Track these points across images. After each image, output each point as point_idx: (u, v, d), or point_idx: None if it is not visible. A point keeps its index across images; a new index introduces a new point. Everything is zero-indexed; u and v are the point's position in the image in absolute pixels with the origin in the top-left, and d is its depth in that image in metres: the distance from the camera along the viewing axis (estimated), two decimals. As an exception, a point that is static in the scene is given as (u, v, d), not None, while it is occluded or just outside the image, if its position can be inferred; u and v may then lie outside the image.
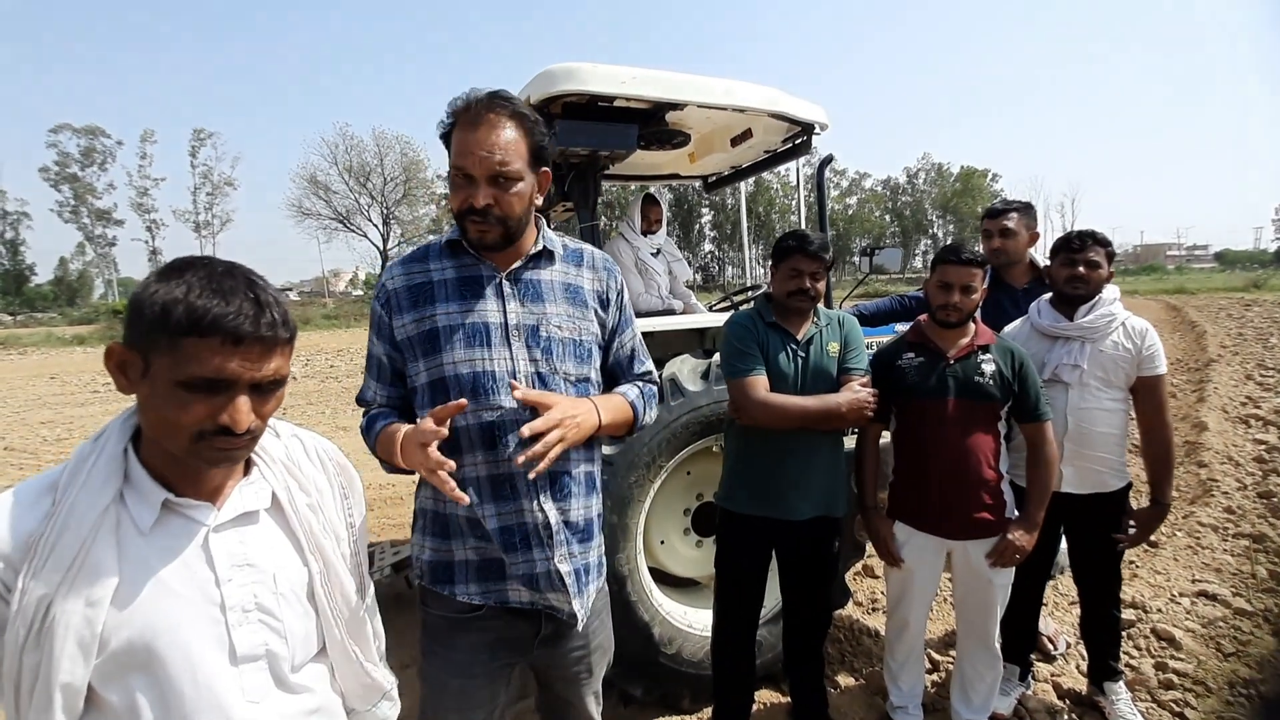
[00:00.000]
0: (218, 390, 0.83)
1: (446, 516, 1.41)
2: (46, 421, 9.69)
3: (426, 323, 1.36)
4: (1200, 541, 3.99)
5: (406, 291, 1.39)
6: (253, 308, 0.84)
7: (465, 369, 1.34)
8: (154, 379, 0.83)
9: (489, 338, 1.36)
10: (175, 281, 0.82)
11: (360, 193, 45.21)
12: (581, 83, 2.34)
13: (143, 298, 0.83)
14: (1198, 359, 10.45)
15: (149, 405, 0.86)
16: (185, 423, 0.83)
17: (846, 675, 2.86)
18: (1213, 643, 2.95)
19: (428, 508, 1.44)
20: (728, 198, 45.91)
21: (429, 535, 1.43)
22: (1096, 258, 2.31)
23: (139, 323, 0.82)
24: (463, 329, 1.35)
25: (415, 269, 1.41)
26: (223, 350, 0.82)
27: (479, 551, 1.39)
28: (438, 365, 1.36)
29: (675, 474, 2.70)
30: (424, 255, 1.43)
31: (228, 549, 0.91)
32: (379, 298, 1.43)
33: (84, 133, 45.97)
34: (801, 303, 2.13)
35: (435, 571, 1.42)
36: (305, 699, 0.98)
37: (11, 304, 46.95)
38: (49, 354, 22.05)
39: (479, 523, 1.36)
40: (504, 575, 1.38)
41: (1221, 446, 5.70)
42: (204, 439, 0.84)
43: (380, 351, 1.43)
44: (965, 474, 2.13)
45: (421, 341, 1.37)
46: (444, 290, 1.38)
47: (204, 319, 0.80)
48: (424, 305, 1.38)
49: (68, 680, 0.79)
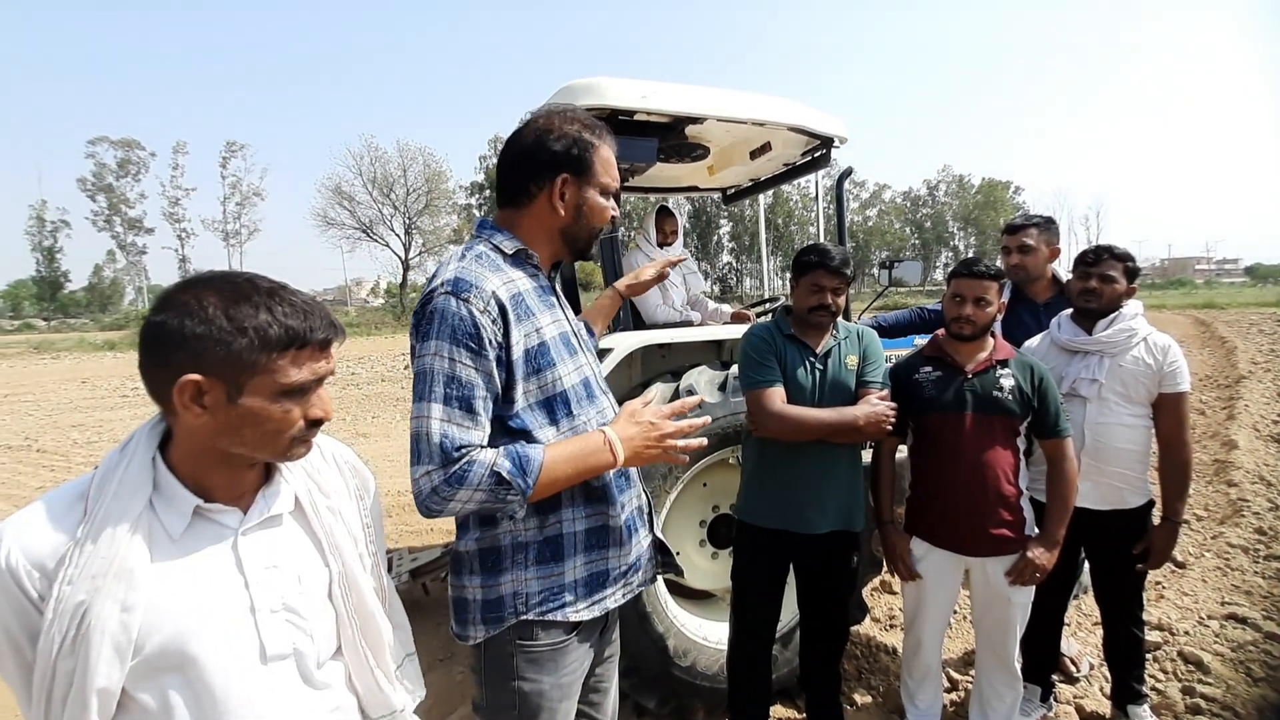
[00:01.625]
0: (309, 390, 0.94)
1: (559, 538, 1.35)
2: (77, 425, 9.95)
3: (534, 336, 1.30)
4: (1230, 563, 3.89)
5: (511, 301, 1.27)
6: (323, 315, 0.94)
7: (576, 378, 1.37)
8: (250, 397, 0.88)
9: (574, 345, 1.41)
10: (245, 307, 0.87)
11: (383, 203, 46.03)
12: (602, 97, 2.38)
13: (211, 329, 0.85)
14: (1228, 375, 10.20)
15: (243, 423, 0.89)
16: (289, 425, 0.93)
17: (863, 692, 2.82)
18: (1242, 667, 2.87)
19: (530, 539, 1.33)
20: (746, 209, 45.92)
21: (534, 566, 1.33)
22: (1112, 272, 2.28)
23: (216, 351, 0.85)
24: (561, 339, 1.37)
25: (501, 277, 1.29)
26: (313, 356, 0.93)
27: (589, 565, 1.39)
28: (554, 380, 1.32)
29: (691, 485, 2.70)
30: (495, 264, 1.32)
31: (255, 552, 0.94)
32: (487, 311, 1.21)
33: (120, 145, 47.37)
34: (822, 318, 2.13)
35: (546, 600, 1.33)
36: (328, 696, 1.01)
37: (46, 309, 48.28)
38: (81, 359, 22.64)
39: (597, 531, 1.39)
40: (606, 584, 1.41)
41: (1252, 465, 5.56)
42: (301, 435, 0.95)
43: (488, 377, 1.22)
44: (983, 489, 2.11)
45: (533, 357, 1.29)
46: (534, 300, 1.34)
47: (300, 334, 0.90)
48: (527, 317, 1.30)
49: (104, 685, 0.81)
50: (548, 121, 1.36)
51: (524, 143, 1.36)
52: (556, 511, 1.35)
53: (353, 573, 1.05)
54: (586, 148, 1.36)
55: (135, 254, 51.01)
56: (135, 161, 47.93)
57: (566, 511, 1.36)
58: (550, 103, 2.46)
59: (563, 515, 1.35)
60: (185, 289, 0.88)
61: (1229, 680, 2.78)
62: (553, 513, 1.35)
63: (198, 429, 0.89)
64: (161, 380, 0.86)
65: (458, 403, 1.19)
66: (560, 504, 1.35)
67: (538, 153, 1.35)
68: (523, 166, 1.37)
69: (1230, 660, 2.92)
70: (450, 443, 1.17)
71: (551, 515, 1.35)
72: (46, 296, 49.31)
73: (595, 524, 1.39)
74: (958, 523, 2.15)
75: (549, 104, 2.46)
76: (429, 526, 4.96)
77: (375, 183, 45.34)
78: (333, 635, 1.04)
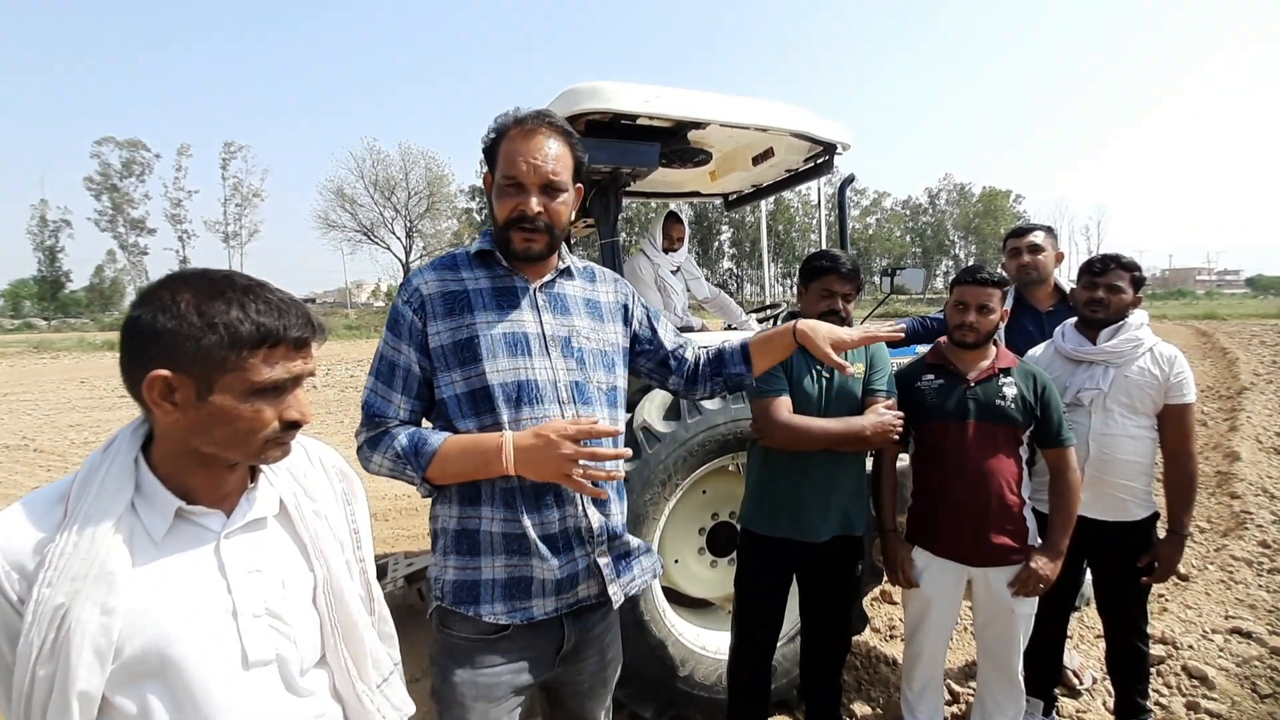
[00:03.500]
0: (283, 390, 0.91)
1: (476, 534, 1.36)
2: (75, 425, 9.93)
3: (464, 330, 1.35)
4: (1234, 576, 3.85)
5: (442, 298, 1.37)
6: (300, 313, 0.91)
7: (510, 377, 1.35)
8: (220, 395, 0.86)
9: (529, 347, 1.38)
10: (218, 303, 0.85)
11: (385, 206, 46.18)
12: (605, 101, 2.37)
13: (183, 324, 0.83)
14: (1229, 387, 10.18)
15: (213, 421, 0.87)
16: (261, 425, 0.89)
17: (863, 704, 2.79)
18: (1248, 682, 2.83)
19: (450, 526, 1.39)
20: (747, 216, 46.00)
21: (452, 554, 1.38)
22: (1119, 281, 2.27)
23: (186, 347, 0.83)
24: (504, 338, 1.36)
25: (448, 276, 1.39)
26: (287, 355, 0.90)
27: (509, 569, 1.36)
28: (479, 374, 1.34)
29: (691, 492, 2.68)
30: (453, 264, 1.42)
31: (238, 555, 0.92)
32: (409, 302, 1.37)
33: (126, 145, 47.59)
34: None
35: (459, 591, 1.36)
36: (311, 703, 0.99)
37: (46, 309, 48.33)
38: (80, 358, 22.65)
39: (515, 537, 1.35)
40: (530, 593, 1.36)
41: (1255, 477, 5.53)
42: (276, 436, 0.91)
43: (409, 360, 1.36)
44: (986, 499, 2.08)
45: (458, 350, 1.35)
46: (480, 299, 1.38)
47: (273, 331, 0.87)
48: (460, 313, 1.36)
49: (84, 689, 0.79)
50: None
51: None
52: (476, 506, 1.36)
53: (338, 579, 1.02)
54: (492, 141, 1.38)
55: (137, 254, 51.13)
56: (140, 162, 48.16)
57: (485, 509, 1.36)
58: (553, 106, 2.45)
59: (481, 512, 1.36)
60: (163, 285, 0.87)
61: (1234, 696, 2.74)
62: (471, 506, 1.36)
63: (171, 427, 0.88)
64: (135, 376, 0.85)
65: (381, 377, 1.38)
66: (480, 500, 1.36)
67: (484, 152, 1.43)
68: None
69: (1235, 675, 2.88)
70: (372, 409, 1.37)
71: (470, 509, 1.36)
72: (47, 296, 49.37)
73: (512, 530, 1.35)
74: (960, 532, 2.12)
75: (552, 107, 2.46)
76: (425, 531, 4.93)
77: (377, 185, 45.50)
78: (317, 642, 1.01)
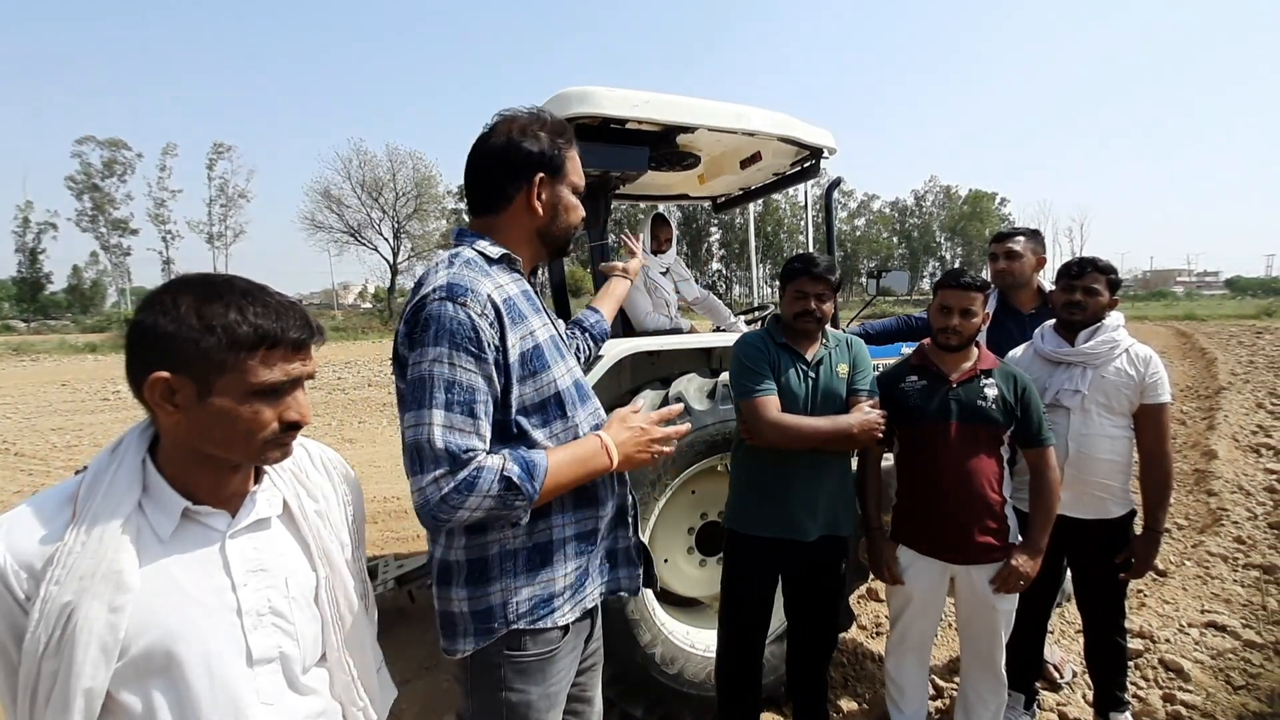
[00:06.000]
0: (283, 392, 0.92)
1: (549, 545, 1.34)
2: (57, 428, 9.78)
3: (529, 339, 1.31)
4: (1210, 571, 3.94)
5: (505, 305, 1.27)
6: (298, 316, 0.93)
7: (568, 380, 1.37)
8: (220, 397, 0.87)
9: (564, 347, 1.43)
10: (216, 305, 0.87)
11: (372, 207, 45.73)
12: (595, 105, 2.39)
13: (182, 327, 0.85)
14: (1208, 386, 10.37)
15: (213, 423, 0.88)
16: (260, 426, 0.91)
17: (849, 699, 2.83)
18: (1222, 675, 2.91)
19: (517, 546, 1.31)
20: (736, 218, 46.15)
21: (523, 574, 1.31)
22: (1095, 284, 2.32)
23: (185, 349, 0.85)
24: (552, 341, 1.38)
25: (492, 282, 1.28)
26: (286, 357, 0.91)
27: (578, 569, 1.38)
28: (549, 381, 1.32)
29: (680, 492, 2.71)
30: (484, 269, 1.31)
31: (243, 555, 0.94)
32: (485, 314, 1.21)
33: (107, 145, 46.84)
34: (808, 324, 2.15)
35: (537, 609, 1.31)
36: (313, 700, 1.01)
37: (26, 311, 47.49)
38: (61, 361, 22.30)
39: (587, 534, 1.40)
40: (587, 583, 1.41)
41: (1232, 475, 5.65)
42: (275, 438, 0.93)
43: (486, 377, 1.21)
44: (968, 497, 2.13)
45: (528, 359, 1.29)
46: (525, 303, 1.35)
47: (271, 333, 0.89)
48: (521, 319, 1.30)
49: (89, 685, 0.81)
50: (515, 125, 1.38)
51: (496, 147, 1.36)
52: (546, 518, 1.34)
53: (341, 578, 1.04)
54: (559, 147, 1.39)
55: (119, 255, 50.39)
56: (122, 162, 47.44)
57: (556, 517, 1.35)
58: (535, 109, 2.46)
59: (552, 521, 1.35)
60: (166, 289, 0.89)
61: (1209, 688, 2.82)
62: (542, 519, 1.33)
63: (173, 428, 0.89)
64: (138, 378, 0.87)
65: (460, 407, 1.17)
66: (550, 510, 1.34)
67: (512, 155, 1.35)
68: (498, 171, 1.37)
69: (1210, 668, 2.96)
70: (456, 448, 1.15)
71: (541, 521, 1.33)
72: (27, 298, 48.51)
73: (585, 528, 1.39)
74: (943, 530, 2.17)
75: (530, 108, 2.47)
76: (415, 534, 4.92)
77: (364, 186, 45.11)
78: (318, 641, 1.03)
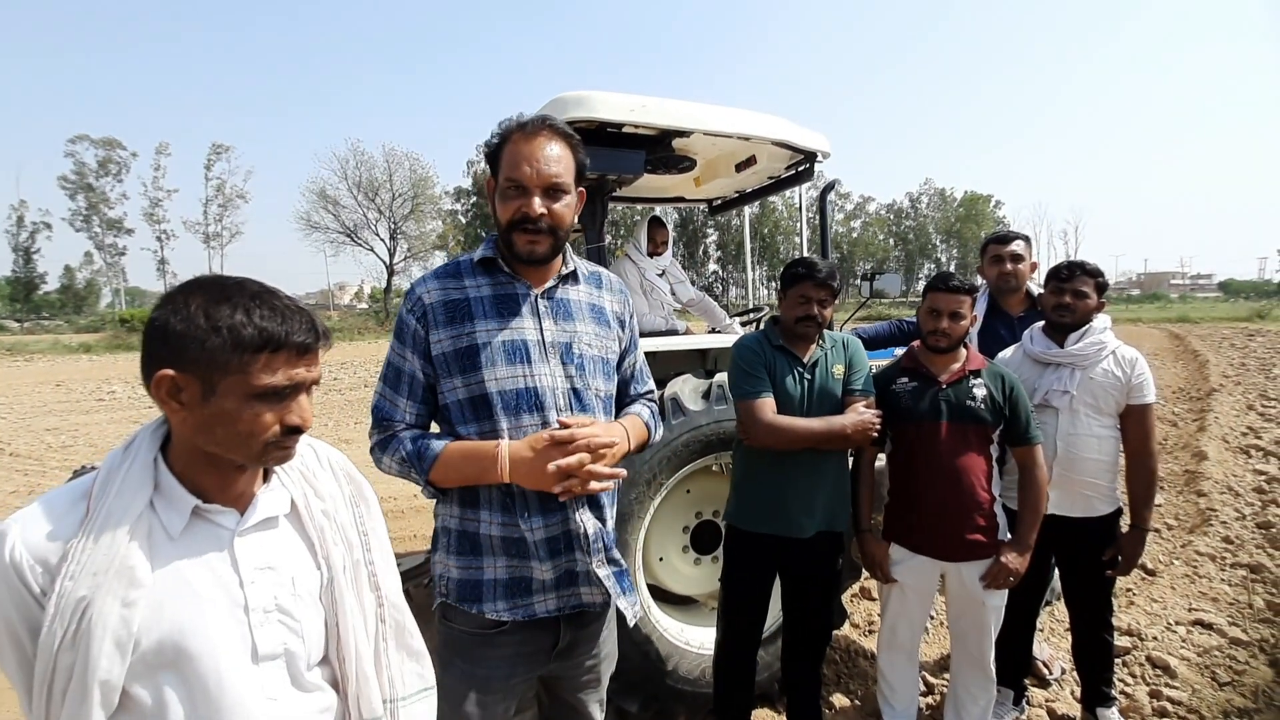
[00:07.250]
0: (286, 396, 0.93)
1: (476, 535, 1.41)
2: (52, 429, 9.74)
3: (465, 339, 1.38)
4: (1198, 570, 4.00)
5: (443, 307, 1.40)
6: (305, 320, 0.94)
7: (509, 385, 1.38)
8: (223, 397, 0.89)
9: (529, 354, 1.40)
10: (224, 307, 0.89)
11: (368, 207, 45.63)
12: (592, 110, 2.42)
13: (190, 326, 0.87)
14: (1199, 388, 10.45)
15: (215, 422, 0.90)
16: (262, 429, 0.91)
17: (842, 696, 2.87)
18: (1208, 672, 2.96)
19: (452, 527, 1.44)
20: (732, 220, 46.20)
21: (454, 554, 1.43)
22: (1084, 287, 2.37)
23: (192, 349, 0.87)
24: (503, 346, 1.38)
25: (450, 285, 1.42)
26: (290, 361, 0.92)
27: (510, 570, 1.40)
28: (478, 382, 1.37)
29: (675, 492, 2.74)
30: (456, 271, 1.44)
31: (251, 553, 0.96)
32: (413, 311, 1.40)
33: (101, 144, 46.56)
34: (809, 328, 2.18)
35: (463, 590, 1.42)
36: (317, 697, 1.02)
37: (19, 311, 47.18)
38: (55, 361, 22.17)
39: (514, 541, 1.39)
40: (531, 590, 1.41)
41: (1221, 476, 5.71)
42: (276, 441, 0.93)
43: (413, 367, 1.41)
44: (958, 496, 2.17)
45: (459, 358, 1.38)
46: (481, 307, 1.40)
47: (275, 336, 0.90)
48: (461, 321, 1.39)
49: (105, 678, 0.83)
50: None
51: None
52: (475, 510, 1.41)
53: (338, 583, 1.05)
54: (495, 146, 1.40)
55: (114, 255, 50.12)
56: (117, 161, 47.18)
57: (484, 513, 1.40)
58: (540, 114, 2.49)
59: (480, 515, 1.41)
60: (181, 289, 0.91)
61: (1195, 684, 2.86)
62: (471, 509, 1.41)
63: (180, 427, 0.91)
64: (149, 375, 0.89)
65: (388, 383, 1.43)
66: (479, 503, 1.40)
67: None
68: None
69: (1196, 665, 3.00)
70: (380, 413, 1.43)
71: (470, 511, 1.41)
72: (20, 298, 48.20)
73: (510, 534, 1.40)
74: (934, 529, 2.21)
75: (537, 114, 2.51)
76: (414, 533, 4.94)
77: (360, 187, 45.03)
78: (323, 638, 1.05)
